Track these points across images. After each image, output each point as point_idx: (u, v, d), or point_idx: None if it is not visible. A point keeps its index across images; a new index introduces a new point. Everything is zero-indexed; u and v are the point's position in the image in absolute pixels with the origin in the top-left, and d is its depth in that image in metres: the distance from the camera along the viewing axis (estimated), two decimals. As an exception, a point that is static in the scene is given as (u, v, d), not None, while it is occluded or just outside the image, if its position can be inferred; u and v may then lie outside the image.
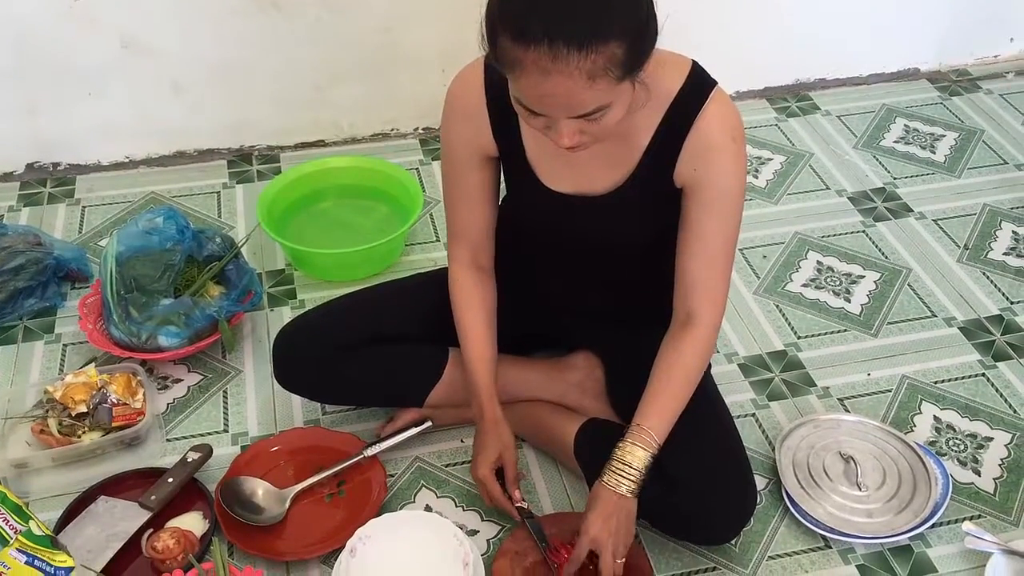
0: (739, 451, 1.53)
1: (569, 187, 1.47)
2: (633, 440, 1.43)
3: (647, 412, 1.44)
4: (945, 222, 2.28)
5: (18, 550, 1.36)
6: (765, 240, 2.23)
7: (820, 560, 1.58)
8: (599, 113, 1.22)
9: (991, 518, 1.64)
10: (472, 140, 1.49)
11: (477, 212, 1.56)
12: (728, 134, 1.37)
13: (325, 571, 1.55)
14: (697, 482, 1.46)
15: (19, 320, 2.01)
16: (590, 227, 1.49)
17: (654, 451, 1.43)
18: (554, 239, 1.56)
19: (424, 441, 1.75)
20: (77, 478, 1.67)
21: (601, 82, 1.17)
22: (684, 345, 1.46)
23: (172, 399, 1.85)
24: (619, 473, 1.43)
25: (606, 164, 1.43)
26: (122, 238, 1.92)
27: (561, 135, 1.24)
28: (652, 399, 1.45)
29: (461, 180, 1.54)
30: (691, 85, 1.37)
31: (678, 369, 1.46)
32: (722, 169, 1.38)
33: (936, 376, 1.90)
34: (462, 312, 1.59)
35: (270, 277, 2.14)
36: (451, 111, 1.49)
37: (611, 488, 1.43)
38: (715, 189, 1.39)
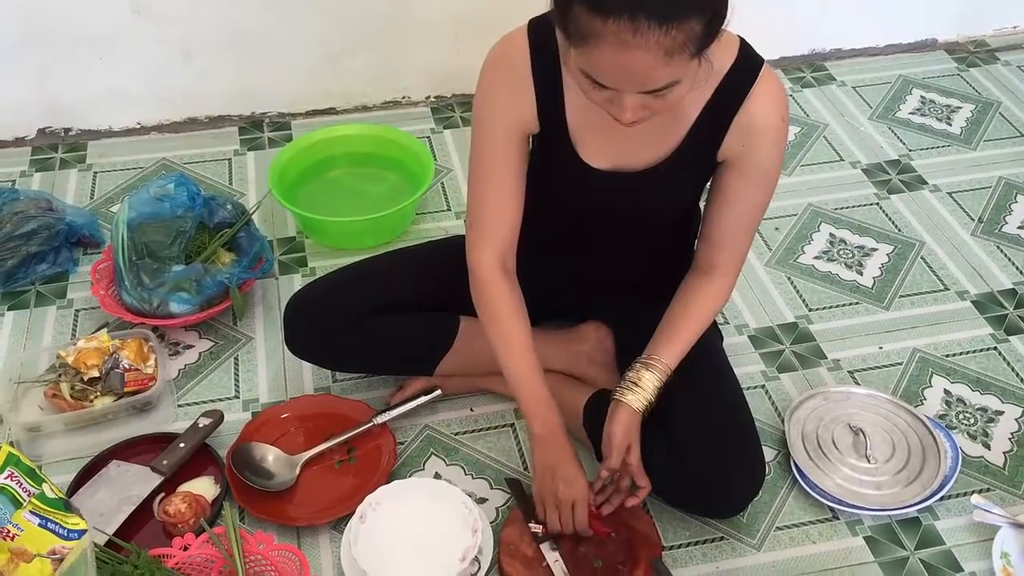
0: (748, 423, 1.53)
1: (608, 163, 1.44)
2: (644, 365, 1.47)
3: (658, 344, 1.48)
4: (960, 195, 2.26)
5: (32, 512, 1.37)
6: (778, 212, 2.22)
7: (828, 531, 1.58)
8: (668, 89, 1.19)
9: (1000, 491, 1.64)
10: (514, 113, 1.41)
11: (509, 206, 1.46)
12: (779, 115, 1.37)
13: (335, 537, 1.56)
14: (706, 454, 1.46)
15: (31, 285, 2.02)
16: (622, 202, 1.48)
17: (663, 378, 1.46)
18: (582, 215, 1.54)
19: (434, 409, 1.76)
20: (89, 442, 1.68)
21: (678, 58, 1.14)
22: (702, 291, 1.50)
23: (183, 365, 1.86)
24: (630, 391, 1.46)
25: (651, 140, 1.41)
26: (133, 204, 1.92)
27: (625, 109, 1.21)
28: (664, 335, 1.49)
29: (498, 163, 1.44)
30: (741, 62, 1.35)
31: (693, 311, 1.49)
32: (769, 149, 1.39)
33: (947, 350, 1.89)
34: (499, 320, 1.48)
35: (281, 244, 2.14)
36: (492, 79, 1.41)
37: (625, 402, 1.46)
38: (758, 166, 1.40)
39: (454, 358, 1.69)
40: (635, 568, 1.48)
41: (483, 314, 1.50)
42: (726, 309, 1.97)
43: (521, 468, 1.68)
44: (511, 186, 1.46)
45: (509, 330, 1.48)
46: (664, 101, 1.21)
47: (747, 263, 2.07)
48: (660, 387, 1.47)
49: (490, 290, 1.49)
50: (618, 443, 1.45)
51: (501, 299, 1.48)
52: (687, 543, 1.56)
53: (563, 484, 1.46)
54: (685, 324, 1.50)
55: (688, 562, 1.54)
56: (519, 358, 1.48)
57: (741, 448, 1.49)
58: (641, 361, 1.48)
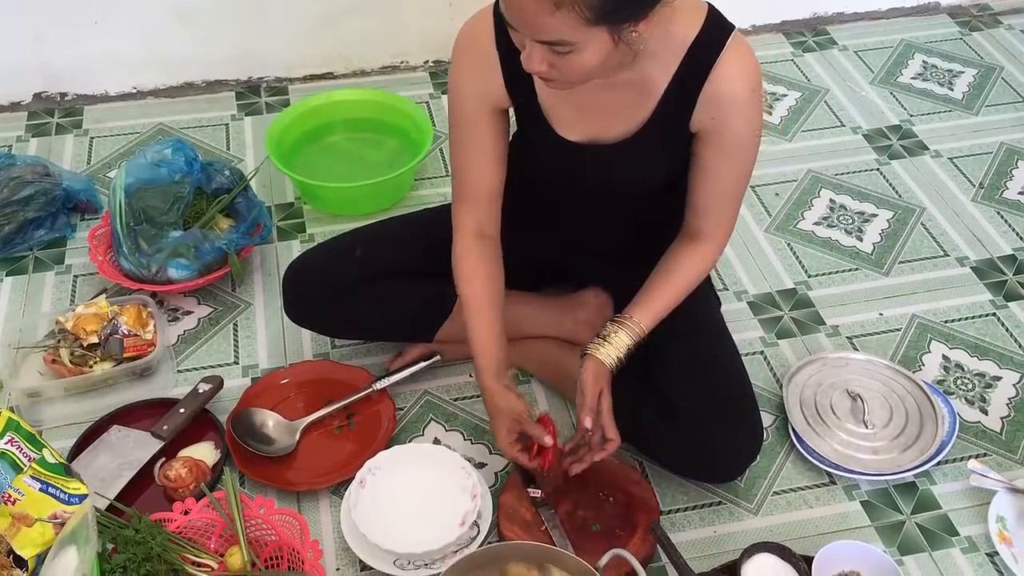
0: (746, 389, 1.54)
1: (581, 135, 1.45)
2: (618, 324, 1.48)
3: (636, 305, 1.49)
4: (961, 160, 2.25)
5: (32, 477, 1.38)
6: (778, 177, 2.21)
7: (825, 496, 1.59)
8: (564, 48, 1.20)
9: (997, 456, 1.65)
10: (483, 89, 1.44)
11: (487, 173, 1.50)
12: (747, 84, 1.35)
13: (335, 501, 1.57)
14: (704, 420, 1.47)
15: (29, 251, 2.01)
16: (601, 174, 1.48)
17: (636, 339, 1.47)
18: (565, 185, 1.54)
19: (433, 375, 1.76)
20: (89, 408, 1.69)
21: (566, 13, 1.15)
22: (685, 257, 1.49)
23: (183, 331, 1.86)
24: (601, 346, 1.47)
25: (620, 112, 1.41)
26: (131, 170, 1.91)
27: (528, 57, 1.23)
28: (643, 296, 1.49)
29: (471, 135, 1.48)
30: (707, 31, 1.33)
31: (674, 276, 1.49)
32: (740, 119, 1.37)
33: (946, 315, 1.89)
34: (466, 286, 1.52)
35: (279, 210, 2.13)
36: (460, 59, 1.45)
37: (596, 356, 1.47)
38: (731, 137, 1.39)
39: (453, 324, 1.69)
40: (633, 532, 1.49)
41: (457, 279, 1.53)
42: (725, 275, 1.97)
43: (520, 433, 1.68)
44: (486, 156, 1.49)
45: (476, 292, 1.51)
46: (568, 64, 1.22)
47: (746, 229, 2.07)
48: (631, 347, 1.47)
49: (463, 258, 1.51)
50: (590, 394, 1.46)
51: (471, 266, 1.51)
52: (685, 508, 1.57)
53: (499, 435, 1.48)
54: (665, 288, 1.50)
55: (686, 526, 1.55)
56: (478, 320, 1.50)
57: (739, 413, 1.50)
58: (616, 319, 1.49)
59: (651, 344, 1.58)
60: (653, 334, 1.58)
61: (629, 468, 1.58)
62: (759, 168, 2.19)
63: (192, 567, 1.41)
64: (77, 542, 1.29)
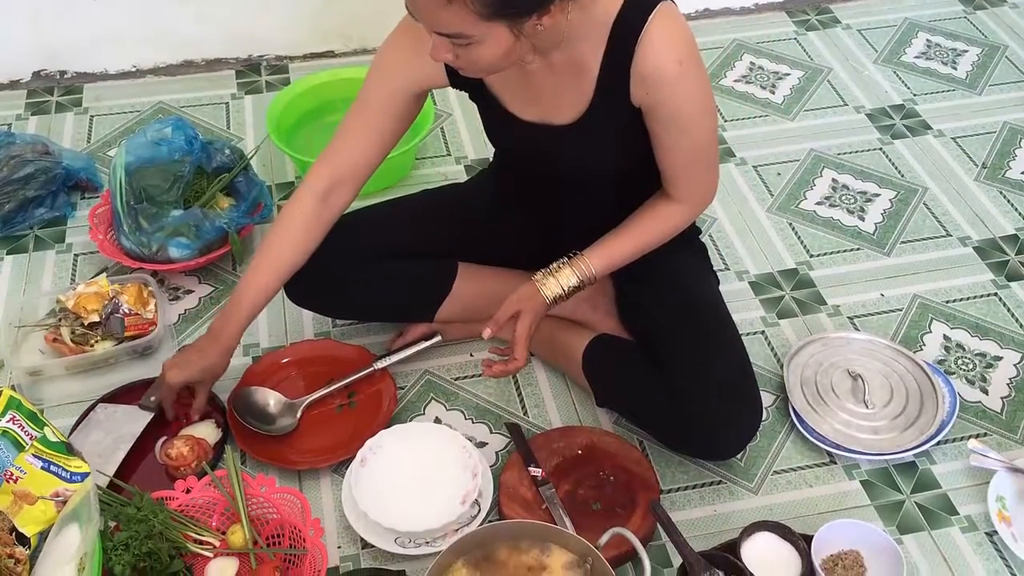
0: (746, 366, 1.54)
1: (535, 116, 1.45)
2: (570, 263, 1.50)
3: (595, 249, 1.51)
4: (964, 140, 2.24)
5: (34, 456, 1.38)
6: (780, 157, 2.20)
7: (825, 475, 1.60)
8: (462, 41, 1.21)
9: (997, 436, 1.65)
10: (413, 72, 1.45)
11: (364, 152, 1.51)
12: (673, 57, 1.33)
13: (336, 480, 1.57)
14: (704, 397, 1.47)
15: (30, 229, 2.01)
16: (566, 156, 1.48)
17: (582, 280, 1.49)
18: (539, 169, 1.55)
19: (434, 355, 1.76)
20: (91, 386, 1.69)
21: (459, 8, 1.17)
22: (655, 211, 1.51)
23: (183, 310, 1.86)
24: (545, 277, 1.50)
25: (565, 95, 1.41)
26: (131, 148, 1.90)
27: (434, 47, 1.25)
28: (604, 243, 1.51)
29: (372, 110, 1.49)
30: (629, 8, 1.32)
31: (639, 230, 1.51)
32: (674, 93, 1.35)
33: (948, 295, 1.89)
34: (279, 233, 1.52)
35: (280, 190, 2.13)
36: (399, 36, 1.45)
37: (536, 282, 1.50)
38: (672, 112, 1.38)
39: (453, 304, 1.69)
40: (633, 511, 1.49)
41: (274, 222, 1.56)
42: (726, 255, 1.97)
43: (520, 412, 1.69)
44: (371, 136, 1.51)
45: (275, 244, 1.53)
46: (470, 55, 1.24)
47: (748, 208, 2.07)
48: (576, 287, 1.50)
49: (295, 207, 1.53)
50: (504, 310, 1.50)
51: (290, 217, 1.52)
52: (685, 487, 1.58)
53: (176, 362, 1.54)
54: (625, 239, 1.51)
55: (686, 505, 1.55)
56: (261, 270, 1.52)
57: (739, 391, 1.50)
58: (569, 257, 1.51)
59: (651, 322, 1.59)
60: (652, 312, 1.59)
61: (629, 447, 1.59)
62: (761, 148, 2.20)
63: (194, 545, 1.42)
64: (79, 520, 1.29)
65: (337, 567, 1.46)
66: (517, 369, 1.52)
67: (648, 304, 1.60)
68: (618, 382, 1.62)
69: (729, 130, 2.26)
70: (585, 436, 1.60)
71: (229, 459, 1.50)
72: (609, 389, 1.63)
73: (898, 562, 1.39)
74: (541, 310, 1.51)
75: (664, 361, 1.52)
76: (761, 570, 1.38)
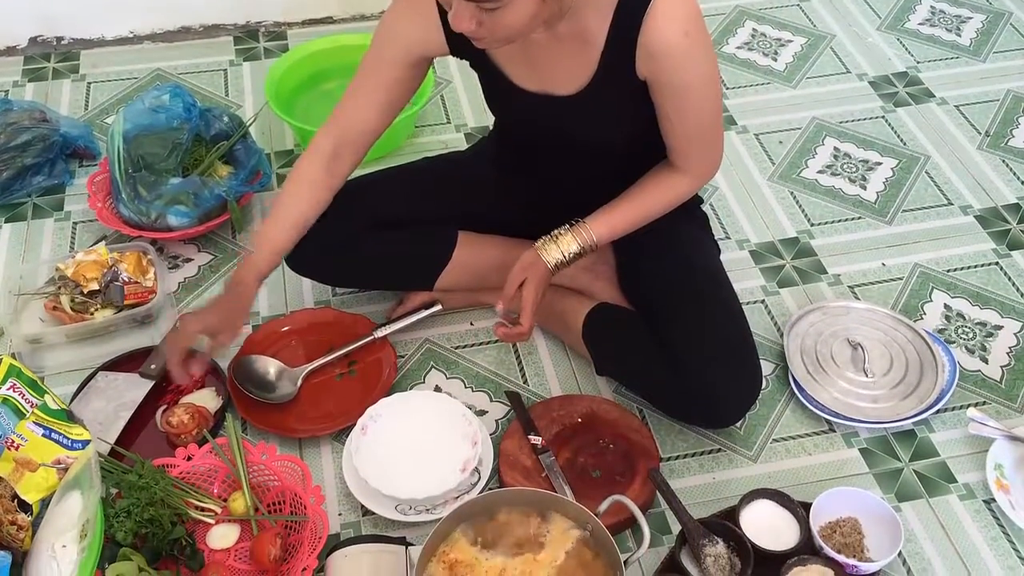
0: (745, 336, 1.54)
1: (536, 87, 1.44)
2: (572, 229, 1.50)
3: (598, 216, 1.51)
4: (967, 108, 2.23)
5: (35, 423, 1.38)
6: (782, 125, 2.19)
7: (824, 443, 1.60)
8: (491, 5, 1.19)
9: (996, 405, 1.65)
10: (416, 37, 1.44)
11: (367, 119, 1.51)
12: (679, 30, 1.31)
13: (337, 448, 1.58)
14: (704, 367, 1.47)
15: (28, 197, 2.00)
16: (567, 127, 1.47)
17: (584, 247, 1.50)
18: (540, 139, 1.54)
19: (434, 323, 1.76)
20: (91, 354, 1.69)
21: None
22: (661, 180, 1.50)
23: (183, 278, 1.86)
24: (547, 244, 1.50)
25: (567, 66, 1.39)
26: (128, 115, 1.89)
27: (455, 16, 1.22)
28: (607, 211, 1.51)
29: (375, 76, 1.49)
30: None
31: (643, 198, 1.51)
32: (680, 66, 1.34)
33: (949, 264, 1.89)
34: (290, 191, 1.55)
35: (279, 158, 2.11)
36: (398, 6, 1.44)
37: (537, 248, 1.50)
38: (678, 85, 1.37)
39: (453, 273, 1.68)
40: (633, 479, 1.50)
41: (284, 184, 1.57)
42: (727, 223, 1.96)
43: (520, 381, 1.69)
44: (375, 102, 1.50)
45: (287, 202, 1.54)
46: (496, 21, 1.21)
47: (749, 177, 2.06)
48: (578, 253, 1.50)
49: (301, 171, 1.54)
50: (511, 280, 1.51)
51: (298, 176, 1.54)
52: (684, 455, 1.58)
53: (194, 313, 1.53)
54: (629, 207, 1.51)
55: (685, 473, 1.56)
56: (275, 226, 1.54)
57: (739, 359, 1.50)
58: (571, 224, 1.51)
59: (651, 292, 1.58)
60: (653, 281, 1.58)
61: (629, 415, 1.59)
62: (763, 116, 2.19)
63: (195, 512, 1.42)
64: (81, 487, 1.30)
65: (338, 534, 1.47)
66: (522, 335, 1.52)
67: (648, 273, 1.60)
68: (618, 351, 1.62)
69: (731, 98, 2.24)
70: (585, 404, 1.60)
71: (230, 427, 1.50)
72: (608, 358, 1.63)
73: (896, 529, 1.40)
74: (545, 276, 1.51)
75: (664, 330, 1.52)
76: (760, 537, 1.39)
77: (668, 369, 1.49)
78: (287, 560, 1.38)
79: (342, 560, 1.35)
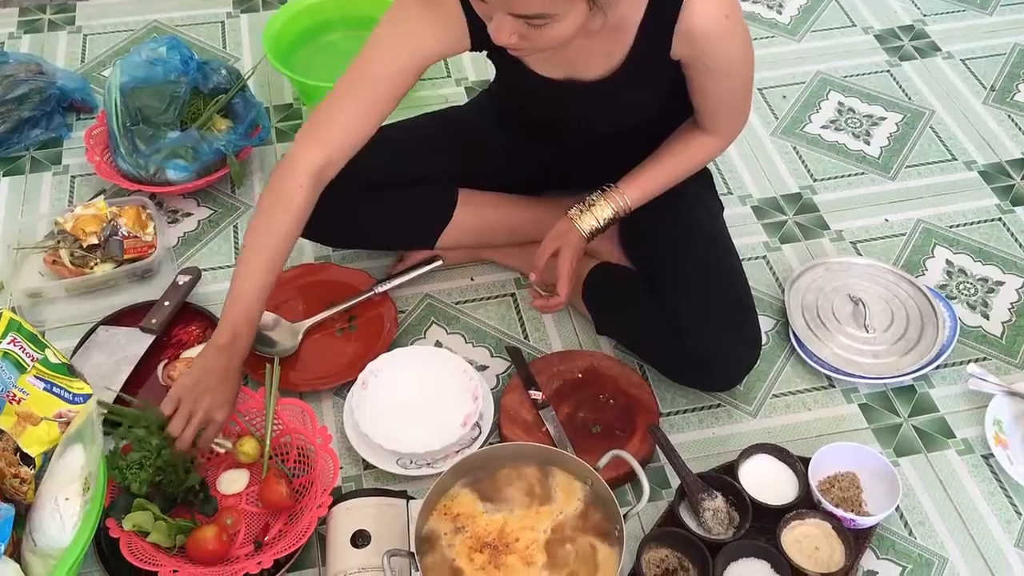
0: (745, 299, 1.53)
1: (561, 73, 1.42)
2: (604, 194, 1.50)
3: (629, 180, 1.50)
4: (973, 62, 2.21)
5: (36, 377, 1.38)
6: (785, 80, 2.17)
7: (823, 399, 1.60)
8: (541, 21, 1.15)
9: (996, 361, 1.65)
10: (431, 36, 1.35)
11: (359, 127, 1.39)
12: (719, 14, 1.30)
13: (338, 403, 1.58)
14: (704, 333, 1.47)
15: (25, 151, 1.99)
16: (591, 110, 1.45)
17: (618, 211, 1.50)
18: (557, 123, 1.52)
19: (434, 279, 1.76)
20: (91, 309, 1.69)
21: None
22: (691, 141, 1.50)
23: (183, 233, 1.85)
24: (582, 212, 1.50)
25: (598, 51, 1.37)
26: (125, 68, 1.87)
27: (497, 29, 1.18)
28: (638, 173, 1.50)
29: (377, 79, 1.37)
30: None
31: (675, 159, 1.50)
32: (720, 48, 1.34)
33: (952, 220, 1.88)
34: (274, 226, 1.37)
35: (278, 111, 2.10)
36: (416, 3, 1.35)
37: (572, 218, 1.50)
38: (717, 63, 1.36)
39: (454, 231, 1.68)
40: (632, 434, 1.51)
41: (265, 203, 1.38)
42: (729, 179, 1.95)
43: (521, 336, 1.69)
44: (371, 111, 1.39)
45: (275, 238, 1.37)
46: (541, 34, 1.18)
47: (752, 132, 2.04)
48: (612, 218, 1.50)
49: (288, 190, 1.37)
50: (544, 249, 1.51)
51: (289, 205, 1.37)
52: (684, 410, 1.59)
53: (210, 399, 1.36)
54: (660, 168, 1.50)
55: (684, 428, 1.56)
56: (259, 267, 1.37)
57: (739, 325, 1.50)
58: (603, 190, 1.50)
59: (653, 252, 1.58)
60: (654, 241, 1.58)
61: (629, 371, 1.59)
62: (766, 70, 2.17)
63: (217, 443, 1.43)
64: (83, 440, 1.30)
65: (339, 487, 1.48)
66: (559, 306, 1.52)
67: (650, 233, 1.59)
68: (618, 311, 1.61)
69: (734, 51, 2.21)
70: (585, 360, 1.60)
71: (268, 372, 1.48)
72: (609, 317, 1.63)
73: (894, 484, 1.40)
74: (579, 244, 1.50)
75: (663, 292, 1.52)
76: (758, 491, 1.40)
77: (666, 332, 1.49)
78: (299, 500, 1.40)
79: (344, 513, 1.36)
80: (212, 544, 1.33)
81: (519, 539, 1.23)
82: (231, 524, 1.39)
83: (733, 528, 1.37)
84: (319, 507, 1.36)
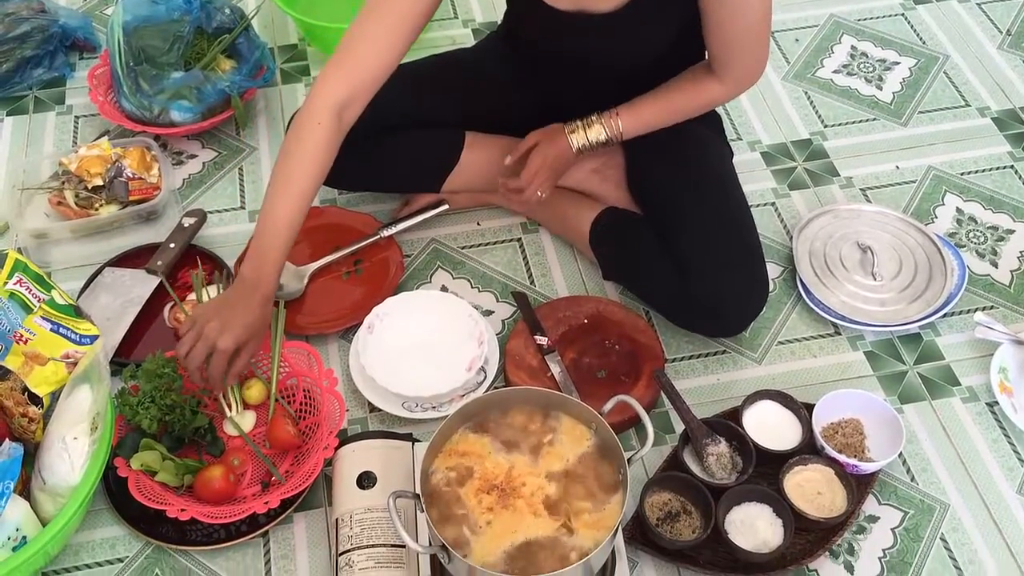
0: (753, 246, 1.52)
1: (571, 5, 1.39)
2: (600, 119, 1.50)
3: (628, 108, 1.49)
4: (989, 6, 2.17)
5: (43, 318, 1.39)
6: (798, 23, 2.13)
7: (829, 346, 1.60)
8: None
9: (1004, 309, 1.65)
10: None
11: (383, 56, 1.37)
12: None
13: (344, 346, 1.59)
14: (708, 274, 1.46)
15: (28, 90, 1.97)
16: (601, 45, 1.43)
17: (609, 137, 1.50)
18: (567, 57, 1.50)
19: (440, 223, 1.75)
20: (96, 250, 1.69)
21: None
22: (698, 85, 1.48)
23: (187, 175, 1.84)
24: (577, 128, 1.51)
25: None
26: (128, 6, 1.85)
27: None
28: (638, 104, 1.49)
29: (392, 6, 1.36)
30: None
31: (675, 97, 1.49)
32: None
33: (963, 167, 1.86)
34: (300, 161, 1.36)
35: (282, 52, 2.07)
36: None
37: (564, 129, 1.51)
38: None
39: (460, 174, 1.66)
40: (638, 379, 1.51)
41: (289, 142, 1.38)
42: (739, 125, 1.93)
43: (527, 281, 1.69)
44: (395, 38, 1.37)
45: (297, 171, 1.36)
46: None
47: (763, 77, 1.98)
48: (602, 142, 1.51)
49: (311, 125, 1.36)
50: (526, 139, 1.53)
51: (312, 140, 1.36)
52: (689, 356, 1.59)
53: (219, 323, 1.31)
54: (659, 104, 1.49)
55: (689, 374, 1.57)
56: (288, 201, 1.35)
57: (746, 272, 1.49)
58: (603, 114, 1.50)
59: (660, 197, 1.56)
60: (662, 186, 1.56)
61: (635, 316, 1.59)
62: (779, 13, 2.13)
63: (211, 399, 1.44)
64: (90, 381, 1.31)
65: (345, 429, 1.49)
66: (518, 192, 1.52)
67: (658, 177, 1.58)
68: (624, 257, 1.61)
69: (746, -7, 2.18)
70: (591, 305, 1.60)
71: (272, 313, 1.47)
72: (615, 263, 1.63)
73: (898, 430, 1.41)
74: (562, 149, 1.50)
75: (671, 237, 1.51)
76: (762, 437, 1.40)
77: (673, 277, 1.48)
78: (305, 442, 1.41)
79: (350, 454, 1.37)
80: (219, 483, 1.35)
81: (525, 483, 1.24)
82: (238, 465, 1.40)
83: (736, 473, 1.38)
84: (325, 448, 1.37)
